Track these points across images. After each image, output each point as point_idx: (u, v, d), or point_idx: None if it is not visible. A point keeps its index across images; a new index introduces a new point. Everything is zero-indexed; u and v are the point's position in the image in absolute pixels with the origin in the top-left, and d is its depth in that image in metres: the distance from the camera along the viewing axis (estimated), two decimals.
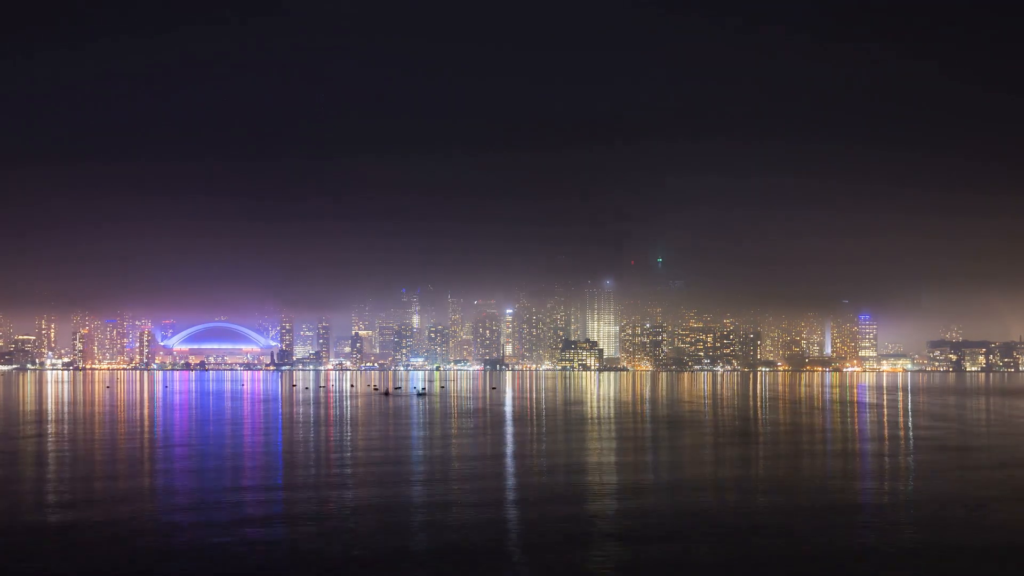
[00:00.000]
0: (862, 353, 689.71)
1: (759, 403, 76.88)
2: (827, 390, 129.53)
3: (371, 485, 39.21)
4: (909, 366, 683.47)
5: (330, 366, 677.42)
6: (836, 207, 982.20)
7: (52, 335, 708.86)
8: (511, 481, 40.82)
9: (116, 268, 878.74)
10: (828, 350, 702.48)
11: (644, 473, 44.49)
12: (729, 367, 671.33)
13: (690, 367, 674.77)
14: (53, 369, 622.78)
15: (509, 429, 70.91)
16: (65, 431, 69.91)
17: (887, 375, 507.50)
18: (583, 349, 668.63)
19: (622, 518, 31.81)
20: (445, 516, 32.05)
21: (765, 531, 29.69)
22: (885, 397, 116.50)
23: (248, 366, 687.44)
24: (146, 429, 71.36)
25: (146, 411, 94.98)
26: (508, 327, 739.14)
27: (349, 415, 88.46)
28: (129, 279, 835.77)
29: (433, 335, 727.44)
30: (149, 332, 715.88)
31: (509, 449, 56.06)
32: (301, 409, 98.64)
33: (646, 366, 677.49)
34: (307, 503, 34.86)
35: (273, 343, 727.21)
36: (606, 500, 35.48)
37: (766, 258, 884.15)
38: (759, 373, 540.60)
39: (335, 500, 35.57)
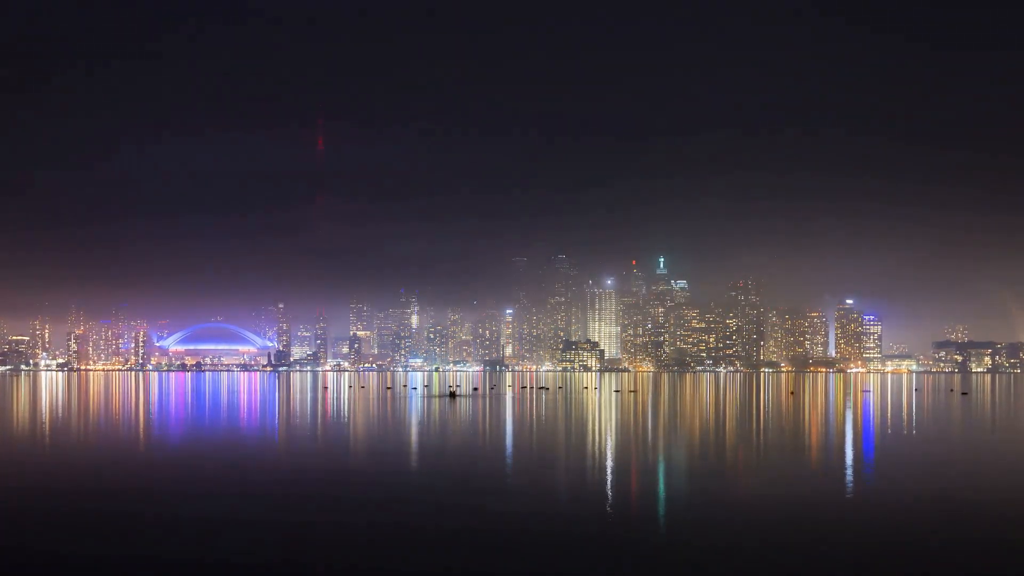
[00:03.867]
0: (866, 354, 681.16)
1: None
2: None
3: None
4: (914, 367, 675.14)
5: (328, 367, 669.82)
6: (841, 205, 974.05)
7: (46, 336, 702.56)
8: None
9: (111, 268, 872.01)
10: (832, 351, 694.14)
11: None
12: (732, 368, 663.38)
13: (692, 368, 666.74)
14: (48, 370, 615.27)
15: None
16: None
17: (892, 376, 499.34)
18: (584, 350, 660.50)
19: None
20: None
21: None
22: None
23: (245, 367, 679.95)
24: None
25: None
26: (508, 327, 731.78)
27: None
28: (125, 279, 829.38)
29: (432, 336, 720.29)
30: (145, 332, 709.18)
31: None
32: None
33: (648, 367, 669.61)
34: None
35: (270, 344, 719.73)
36: None
37: (769, 257, 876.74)
38: (762, 374, 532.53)
39: None
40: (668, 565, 24.63)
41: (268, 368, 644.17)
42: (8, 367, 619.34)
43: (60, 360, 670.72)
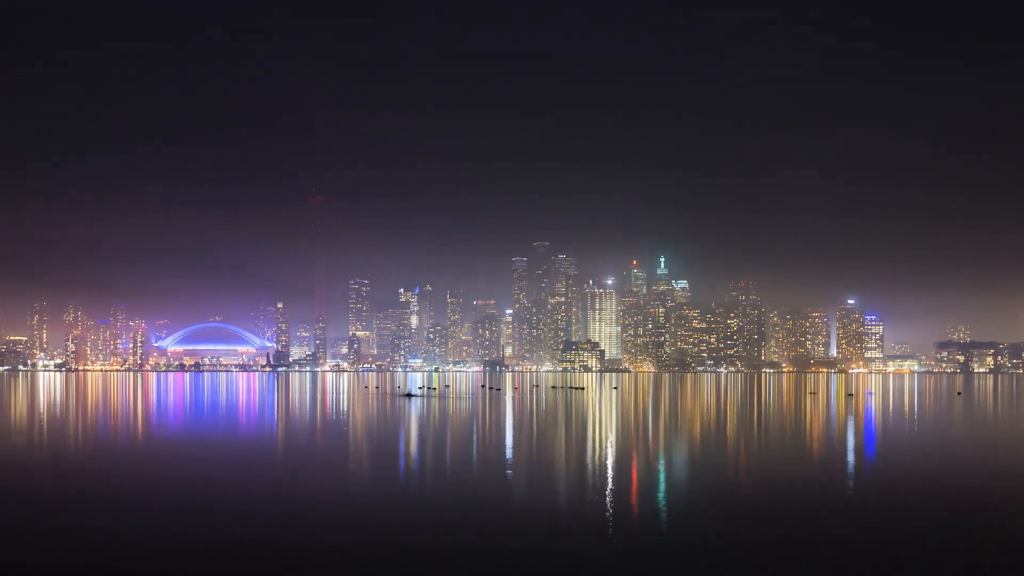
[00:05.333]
0: (868, 354, 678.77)
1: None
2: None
3: None
4: (916, 367, 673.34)
5: (327, 367, 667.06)
6: (842, 205, 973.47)
7: (44, 336, 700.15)
8: None
9: (110, 268, 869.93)
10: (833, 351, 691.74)
11: None
12: (732, 368, 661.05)
13: (693, 368, 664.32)
14: (45, 371, 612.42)
15: None
16: None
17: (894, 377, 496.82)
18: (584, 350, 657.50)
19: None
20: None
21: None
22: None
23: (244, 367, 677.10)
24: None
25: None
26: (508, 327, 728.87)
27: None
28: (123, 279, 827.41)
29: (432, 336, 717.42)
30: (143, 333, 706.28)
31: None
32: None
33: (648, 367, 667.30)
34: None
35: (269, 344, 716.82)
36: None
37: (771, 257, 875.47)
38: (763, 375, 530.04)
39: None
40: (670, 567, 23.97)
41: (267, 368, 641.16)
42: (6, 367, 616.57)
43: (58, 360, 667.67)
